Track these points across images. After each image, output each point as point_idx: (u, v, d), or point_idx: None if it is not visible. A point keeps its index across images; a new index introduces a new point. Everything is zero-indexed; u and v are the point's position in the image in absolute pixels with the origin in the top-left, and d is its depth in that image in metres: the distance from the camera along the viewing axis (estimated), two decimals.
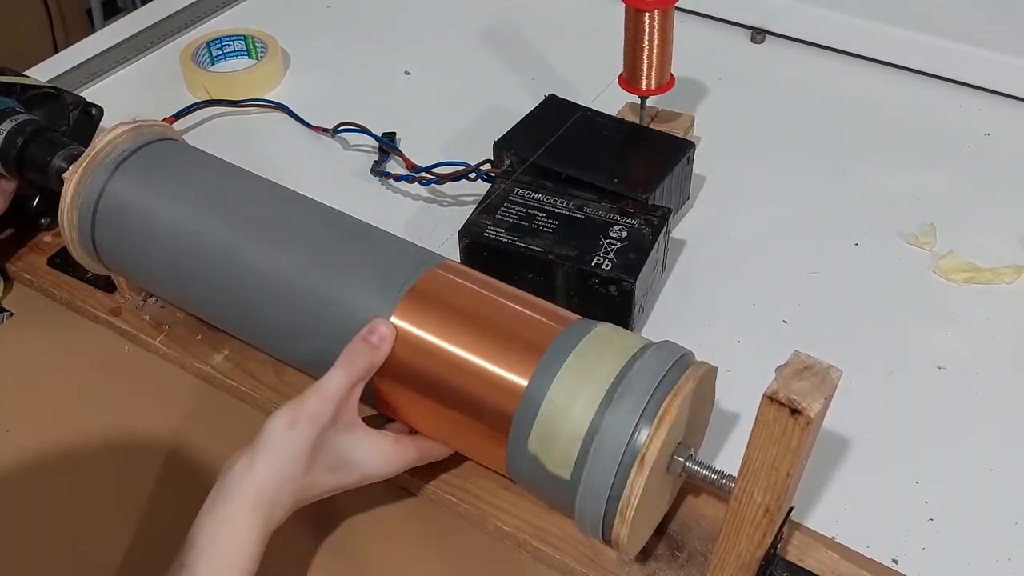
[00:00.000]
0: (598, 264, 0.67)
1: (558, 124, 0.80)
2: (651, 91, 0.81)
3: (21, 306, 0.75)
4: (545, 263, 0.68)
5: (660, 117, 0.86)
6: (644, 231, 0.70)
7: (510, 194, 0.73)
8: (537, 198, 0.72)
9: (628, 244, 0.69)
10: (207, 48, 0.99)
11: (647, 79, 0.80)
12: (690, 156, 0.78)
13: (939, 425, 0.66)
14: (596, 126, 0.80)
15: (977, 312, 0.74)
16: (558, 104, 0.83)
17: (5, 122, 0.70)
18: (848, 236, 0.80)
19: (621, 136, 0.80)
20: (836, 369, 0.44)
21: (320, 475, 0.54)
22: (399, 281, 0.58)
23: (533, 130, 0.80)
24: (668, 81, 0.81)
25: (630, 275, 0.67)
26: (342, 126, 0.89)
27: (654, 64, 0.79)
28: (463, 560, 0.59)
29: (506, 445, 0.53)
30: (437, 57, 1.03)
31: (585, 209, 0.71)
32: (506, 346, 0.54)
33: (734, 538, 0.50)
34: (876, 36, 0.97)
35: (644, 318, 0.73)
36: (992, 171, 0.87)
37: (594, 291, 0.68)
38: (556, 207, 0.72)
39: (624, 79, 0.81)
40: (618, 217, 0.71)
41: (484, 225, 0.71)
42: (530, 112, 0.82)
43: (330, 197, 0.66)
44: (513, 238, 0.69)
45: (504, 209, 0.72)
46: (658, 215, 0.71)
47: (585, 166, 0.75)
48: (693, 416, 0.53)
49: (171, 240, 0.63)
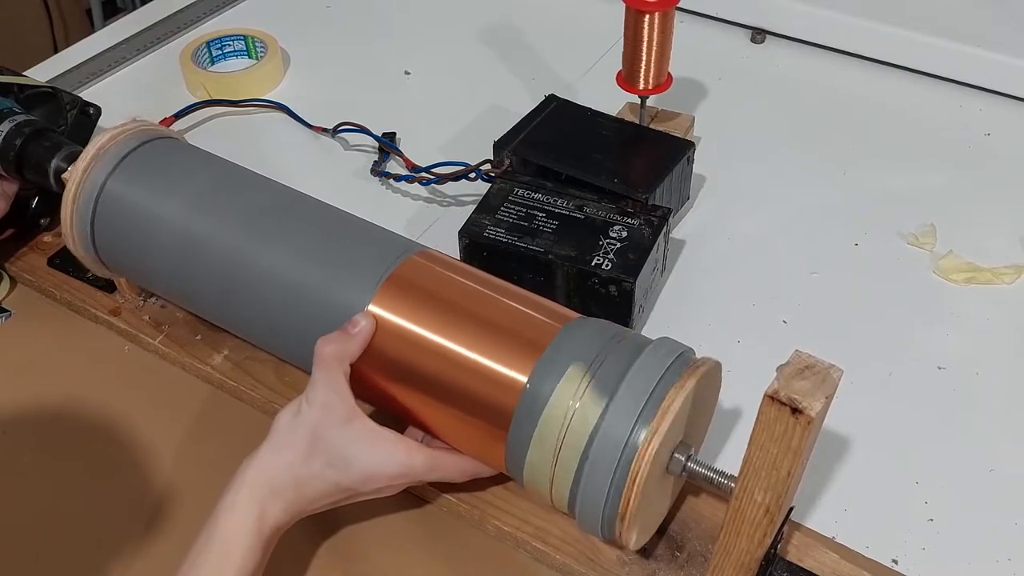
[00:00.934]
0: (598, 264, 0.67)
1: (558, 124, 0.80)
2: (649, 91, 0.81)
3: (21, 306, 0.75)
4: (545, 263, 0.68)
5: (660, 117, 0.86)
6: (644, 231, 0.70)
7: (510, 194, 0.73)
8: (537, 198, 0.72)
9: (628, 244, 0.69)
10: (207, 48, 0.99)
11: (645, 79, 0.80)
12: (690, 156, 0.78)
13: (939, 425, 0.66)
14: (596, 126, 0.80)
15: (977, 312, 0.74)
16: (558, 104, 0.83)
17: (4, 123, 0.70)
18: (848, 236, 0.80)
19: (621, 136, 0.80)
20: (837, 368, 0.44)
21: (319, 467, 0.54)
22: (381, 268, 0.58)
23: (533, 130, 0.80)
24: (666, 80, 0.81)
25: (630, 275, 0.67)
26: (342, 126, 0.89)
27: (652, 64, 0.79)
28: (463, 560, 0.59)
29: (505, 443, 0.53)
30: (437, 57, 1.03)
31: (585, 209, 0.71)
32: (506, 343, 0.54)
33: (734, 538, 0.50)
34: (876, 36, 0.97)
35: (644, 318, 0.73)
36: (992, 171, 0.87)
37: (594, 291, 0.68)
38: (556, 207, 0.72)
39: (623, 78, 0.81)
40: (618, 217, 0.71)
41: (484, 225, 0.71)
42: (530, 112, 0.82)
43: (330, 197, 0.66)
44: (513, 238, 0.69)
45: (504, 209, 0.72)
46: (658, 215, 0.71)
47: (585, 166, 0.75)
48: (694, 414, 0.53)
49: (169, 238, 0.63)
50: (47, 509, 0.62)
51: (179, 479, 0.63)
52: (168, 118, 0.89)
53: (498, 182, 0.75)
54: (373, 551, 0.59)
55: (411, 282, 0.57)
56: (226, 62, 1.01)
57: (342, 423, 0.54)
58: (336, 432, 0.54)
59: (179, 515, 0.61)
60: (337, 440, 0.54)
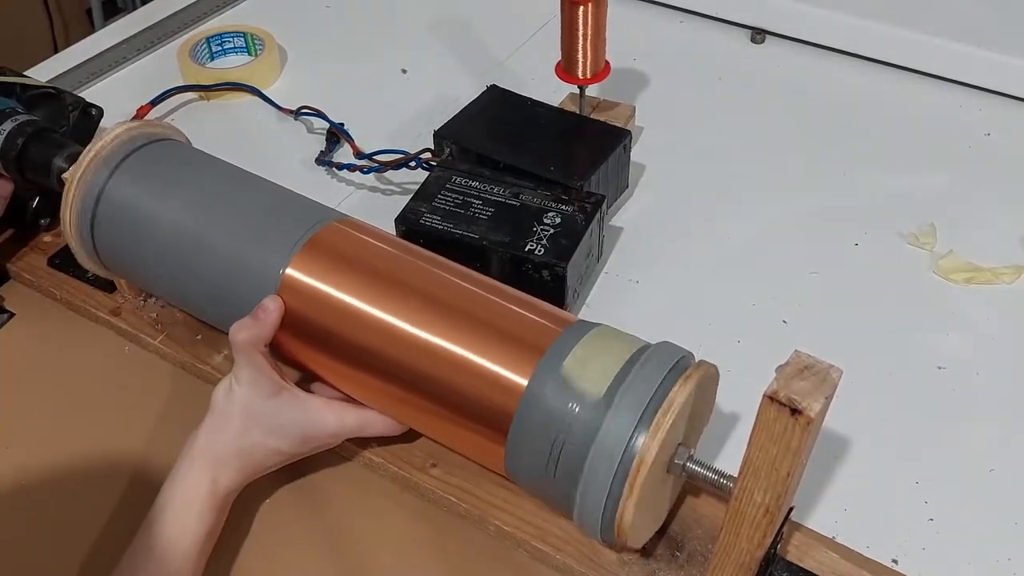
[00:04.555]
0: (531, 250, 0.68)
1: (498, 113, 0.82)
2: (587, 80, 0.82)
3: (21, 306, 0.75)
4: (480, 249, 0.69)
5: (601, 107, 0.88)
6: (578, 217, 0.71)
7: (448, 182, 0.74)
8: (474, 186, 0.73)
9: (561, 230, 0.70)
10: (207, 44, 1.00)
11: (583, 68, 0.81)
12: (626, 144, 0.79)
13: (939, 425, 0.66)
14: (536, 115, 0.82)
15: (977, 312, 0.74)
16: (499, 94, 0.84)
17: (6, 122, 0.70)
18: (848, 236, 0.80)
19: (559, 125, 0.81)
20: (836, 369, 0.44)
21: (259, 437, 0.58)
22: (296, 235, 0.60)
23: (473, 119, 0.81)
24: (604, 69, 0.82)
25: (562, 260, 0.68)
26: (303, 109, 0.90)
27: (589, 54, 0.80)
28: (463, 560, 0.59)
29: (505, 445, 0.54)
30: (437, 56, 1.03)
31: (521, 196, 0.72)
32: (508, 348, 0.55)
33: (734, 538, 0.50)
34: (876, 36, 0.97)
35: (580, 303, 0.74)
36: (992, 171, 0.87)
37: (528, 276, 0.69)
38: (492, 195, 0.73)
39: (562, 69, 0.82)
40: (553, 204, 0.72)
41: (420, 212, 0.72)
42: (471, 102, 0.83)
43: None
44: (449, 225, 0.70)
45: (441, 197, 0.73)
46: (591, 202, 0.72)
47: (522, 154, 0.77)
48: (693, 417, 0.53)
49: (168, 240, 0.63)
50: (47, 509, 0.62)
51: None
52: (145, 106, 0.90)
53: (436, 170, 0.76)
54: (373, 551, 0.59)
55: (333, 246, 0.60)
56: (226, 58, 1.01)
57: (269, 397, 0.58)
58: (266, 405, 0.58)
59: None
60: (268, 412, 0.58)
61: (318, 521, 0.60)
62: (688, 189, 0.85)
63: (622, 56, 1.01)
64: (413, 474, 0.61)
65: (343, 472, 0.63)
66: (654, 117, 0.93)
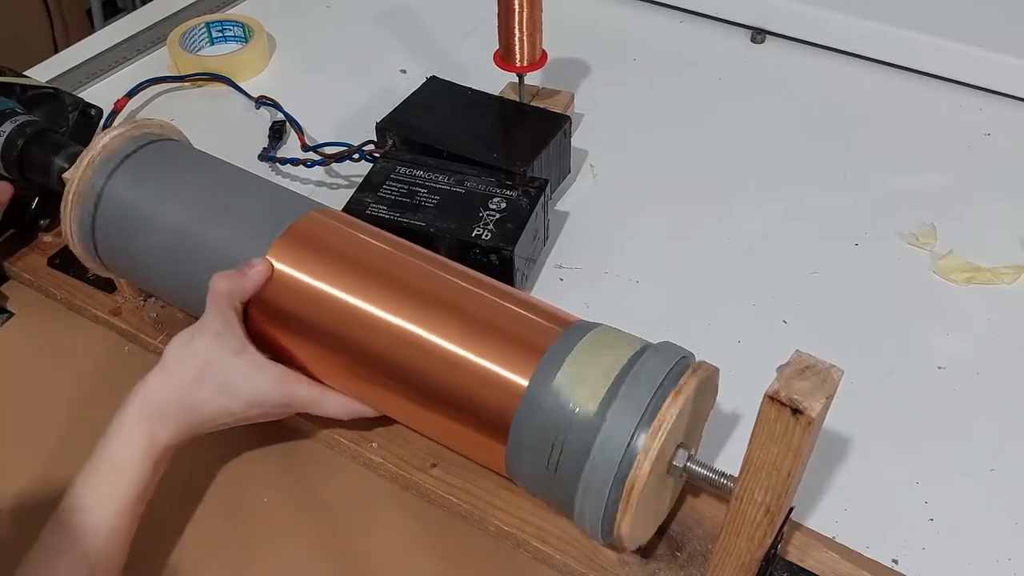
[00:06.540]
0: (478, 235, 0.69)
1: (439, 104, 0.83)
2: (525, 68, 0.83)
3: (21, 306, 0.75)
4: (428, 236, 0.70)
5: (540, 95, 0.89)
6: (522, 201, 0.72)
7: (392, 172, 0.75)
8: (419, 175, 0.74)
9: (507, 215, 0.71)
10: (207, 29, 1.01)
11: (521, 56, 0.82)
12: (567, 130, 0.80)
13: (939, 425, 0.66)
14: (476, 105, 0.83)
15: (977, 312, 0.74)
16: (440, 85, 0.85)
17: (6, 123, 0.70)
18: (848, 236, 0.80)
19: (500, 113, 0.83)
20: (837, 369, 0.44)
21: (207, 394, 0.57)
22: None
23: (415, 111, 0.82)
24: (540, 58, 0.83)
25: (509, 243, 0.69)
26: (262, 99, 0.91)
27: (526, 42, 0.81)
28: (463, 560, 0.59)
29: (505, 445, 0.54)
30: (435, 55, 1.03)
31: (466, 184, 0.74)
32: (508, 348, 0.55)
33: (734, 538, 0.50)
34: (876, 36, 0.97)
35: (529, 285, 0.75)
36: (992, 171, 0.87)
37: (476, 261, 0.69)
38: (437, 183, 0.74)
39: (500, 57, 0.83)
40: (497, 190, 0.73)
41: (366, 203, 0.72)
42: (412, 93, 0.84)
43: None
44: (395, 214, 0.71)
45: (386, 187, 0.74)
46: (535, 186, 0.73)
47: (465, 142, 0.78)
48: (693, 417, 0.53)
49: (167, 240, 0.63)
50: (46, 509, 0.62)
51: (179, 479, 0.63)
52: (122, 99, 0.89)
53: (380, 162, 0.76)
54: (373, 551, 0.59)
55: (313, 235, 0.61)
56: (225, 45, 1.02)
57: (232, 354, 0.57)
58: (225, 360, 0.57)
59: (180, 514, 0.61)
60: (227, 369, 0.57)
61: (318, 521, 0.60)
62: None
63: (622, 56, 1.01)
64: (413, 474, 0.61)
65: (343, 471, 0.63)
66: (654, 117, 0.93)
